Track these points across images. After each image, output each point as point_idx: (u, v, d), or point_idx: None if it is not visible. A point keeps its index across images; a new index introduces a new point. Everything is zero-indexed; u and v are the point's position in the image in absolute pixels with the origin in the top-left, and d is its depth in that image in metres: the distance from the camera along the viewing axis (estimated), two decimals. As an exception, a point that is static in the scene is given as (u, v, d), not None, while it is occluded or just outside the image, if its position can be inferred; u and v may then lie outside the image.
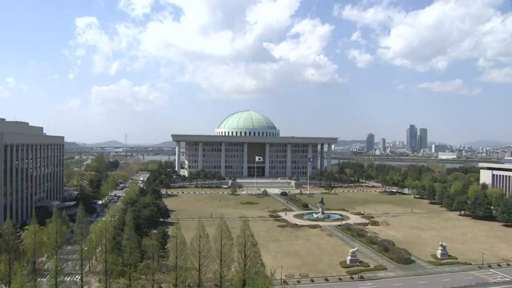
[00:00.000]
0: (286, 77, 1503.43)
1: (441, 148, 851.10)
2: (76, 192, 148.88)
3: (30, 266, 55.18)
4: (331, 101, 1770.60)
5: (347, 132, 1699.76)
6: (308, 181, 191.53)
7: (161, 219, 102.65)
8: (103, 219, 77.33)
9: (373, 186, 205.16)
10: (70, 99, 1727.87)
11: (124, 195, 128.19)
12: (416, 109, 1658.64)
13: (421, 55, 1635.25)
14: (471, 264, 75.35)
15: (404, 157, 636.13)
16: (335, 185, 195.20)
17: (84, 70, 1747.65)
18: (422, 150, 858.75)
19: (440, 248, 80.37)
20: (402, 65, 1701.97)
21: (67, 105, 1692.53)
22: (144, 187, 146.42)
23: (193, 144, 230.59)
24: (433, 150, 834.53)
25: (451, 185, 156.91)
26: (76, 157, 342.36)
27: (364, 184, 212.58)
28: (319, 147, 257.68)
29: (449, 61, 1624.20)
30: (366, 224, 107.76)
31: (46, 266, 59.30)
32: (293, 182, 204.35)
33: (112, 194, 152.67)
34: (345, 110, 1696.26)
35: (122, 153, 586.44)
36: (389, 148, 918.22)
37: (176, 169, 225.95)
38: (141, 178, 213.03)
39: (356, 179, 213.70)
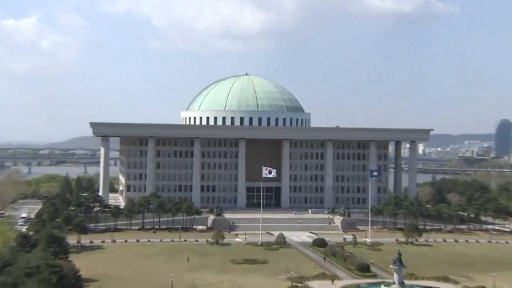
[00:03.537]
0: (324, 5, 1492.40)
1: None
2: None
3: None
4: (418, 55, 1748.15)
5: (450, 119, 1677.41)
6: (370, 218, 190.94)
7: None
8: None
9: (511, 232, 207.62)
10: None
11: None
12: None
13: None
14: None
15: None
16: (427, 227, 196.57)
17: None
18: None
19: None
20: None
21: None
22: (30, 233, 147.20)
23: (137, 142, 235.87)
24: None
25: None
26: None
27: (491, 226, 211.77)
28: (391, 148, 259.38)
29: None
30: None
31: None
32: (338, 220, 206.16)
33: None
34: (448, 74, 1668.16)
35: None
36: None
37: (100, 193, 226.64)
38: (24, 214, 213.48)
39: (472, 216, 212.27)
